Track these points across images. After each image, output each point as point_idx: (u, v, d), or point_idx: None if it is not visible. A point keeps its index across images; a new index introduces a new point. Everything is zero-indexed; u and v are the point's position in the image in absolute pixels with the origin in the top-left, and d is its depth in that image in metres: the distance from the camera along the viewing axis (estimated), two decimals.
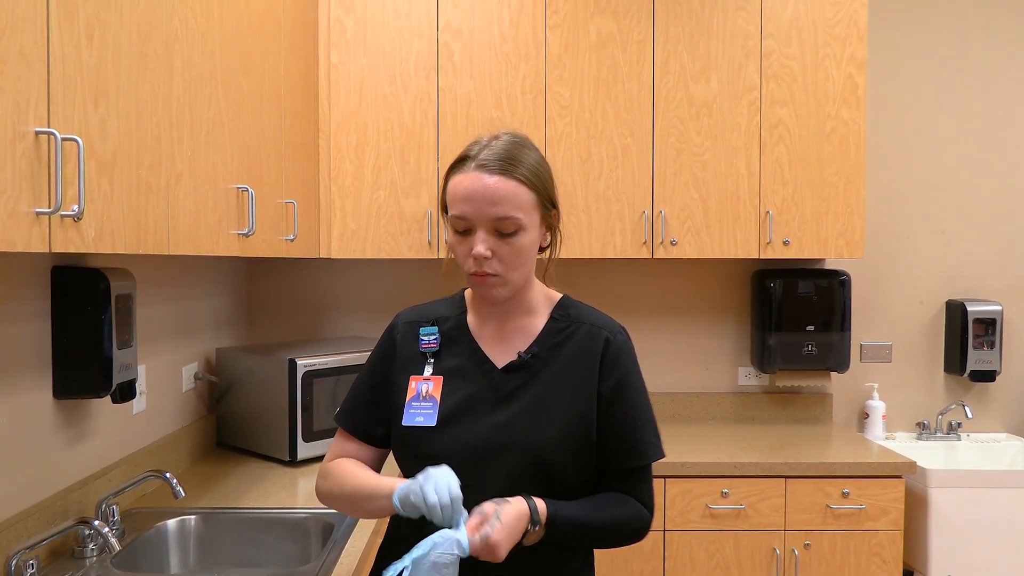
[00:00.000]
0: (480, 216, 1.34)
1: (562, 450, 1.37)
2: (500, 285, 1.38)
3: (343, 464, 1.45)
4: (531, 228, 1.38)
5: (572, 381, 1.41)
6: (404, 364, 1.46)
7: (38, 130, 1.14)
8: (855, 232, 3.05)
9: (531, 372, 1.42)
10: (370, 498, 1.35)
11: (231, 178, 1.98)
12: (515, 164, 1.36)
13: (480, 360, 1.43)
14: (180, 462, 2.56)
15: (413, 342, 1.47)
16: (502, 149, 1.37)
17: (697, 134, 3.03)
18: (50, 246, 1.18)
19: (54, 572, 1.70)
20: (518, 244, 1.36)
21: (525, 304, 1.47)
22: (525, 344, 1.44)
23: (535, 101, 3.01)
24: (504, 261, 1.36)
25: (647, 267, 3.43)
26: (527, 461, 1.36)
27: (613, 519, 1.39)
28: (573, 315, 1.48)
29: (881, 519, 2.75)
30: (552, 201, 1.42)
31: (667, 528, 2.76)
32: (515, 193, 1.35)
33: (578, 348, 1.44)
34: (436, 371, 1.43)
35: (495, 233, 1.35)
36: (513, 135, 1.42)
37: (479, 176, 1.35)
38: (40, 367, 1.83)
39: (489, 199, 1.33)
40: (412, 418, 1.40)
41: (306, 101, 2.79)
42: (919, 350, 3.48)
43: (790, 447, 2.95)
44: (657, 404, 3.40)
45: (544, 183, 1.40)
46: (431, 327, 1.48)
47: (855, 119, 3.04)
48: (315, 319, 3.42)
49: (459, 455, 1.36)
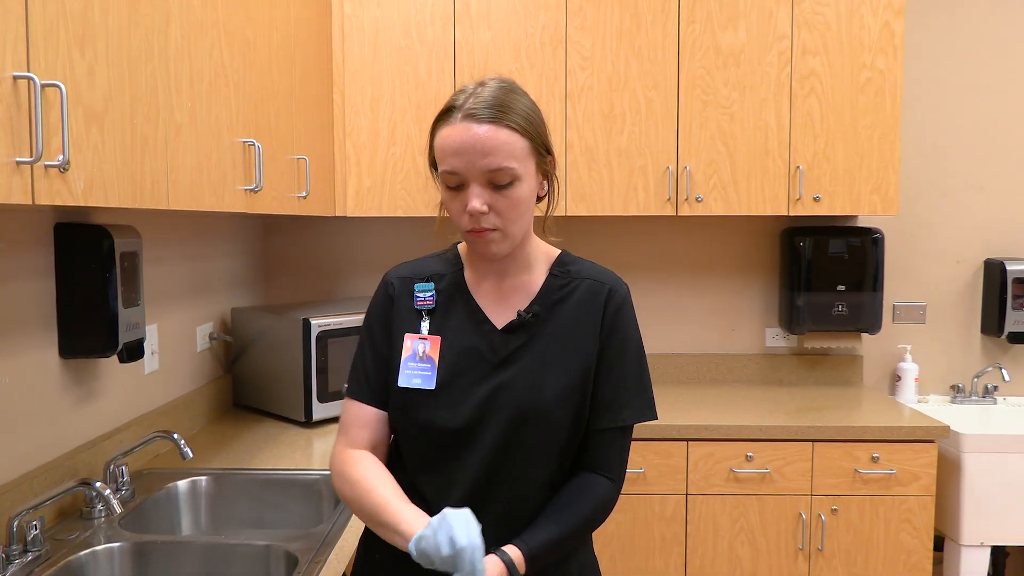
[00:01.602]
0: (472, 169, 1.26)
1: (564, 411, 1.31)
2: (500, 240, 1.30)
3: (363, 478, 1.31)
4: (527, 177, 1.29)
5: (574, 339, 1.34)
6: (400, 321, 1.39)
7: (16, 75, 1.08)
8: (890, 188, 2.93)
9: (531, 331, 1.35)
10: (387, 529, 1.25)
11: (236, 132, 1.92)
12: (505, 111, 1.26)
13: (479, 320, 1.36)
14: (195, 422, 2.54)
15: (408, 298, 1.40)
16: (490, 96, 1.27)
17: (724, 85, 2.90)
18: (33, 197, 1.12)
19: (62, 533, 1.68)
20: (515, 195, 1.28)
21: (523, 260, 1.39)
22: (524, 302, 1.37)
23: (555, 53, 2.90)
24: (502, 214, 1.28)
25: (671, 225, 3.33)
26: (528, 423, 1.30)
27: (583, 518, 1.32)
28: (573, 271, 1.40)
29: (912, 484, 2.67)
30: (546, 147, 1.33)
31: (689, 492, 2.70)
32: (507, 142, 1.26)
33: (579, 304, 1.36)
34: (433, 330, 1.36)
35: (489, 186, 1.27)
36: (500, 80, 1.33)
37: (467, 127, 1.26)
38: (46, 325, 1.79)
39: (480, 150, 1.25)
40: (409, 379, 1.33)
41: (319, 54, 2.71)
42: (955, 311, 3.36)
43: (818, 410, 2.86)
44: (681, 366, 3.35)
45: (537, 129, 1.31)
46: (427, 283, 1.40)
47: (891, 69, 2.89)
48: (331, 279, 3.37)
49: (457, 419, 1.31)
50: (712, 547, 2.71)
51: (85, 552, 1.59)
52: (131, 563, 1.63)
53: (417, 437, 1.34)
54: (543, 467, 1.33)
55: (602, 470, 1.35)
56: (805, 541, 2.69)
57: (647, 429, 2.66)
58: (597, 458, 1.36)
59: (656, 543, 2.72)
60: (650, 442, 2.68)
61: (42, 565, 1.52)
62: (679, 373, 3.34)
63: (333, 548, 1.62)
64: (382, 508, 1.26)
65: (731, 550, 2.71)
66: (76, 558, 1.57)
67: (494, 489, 1.31)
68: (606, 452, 1.36)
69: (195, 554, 1.64)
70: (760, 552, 2.70)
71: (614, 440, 1.36)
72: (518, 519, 1.31)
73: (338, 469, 1.36)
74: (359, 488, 1.31)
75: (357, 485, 1.31)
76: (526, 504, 1.32)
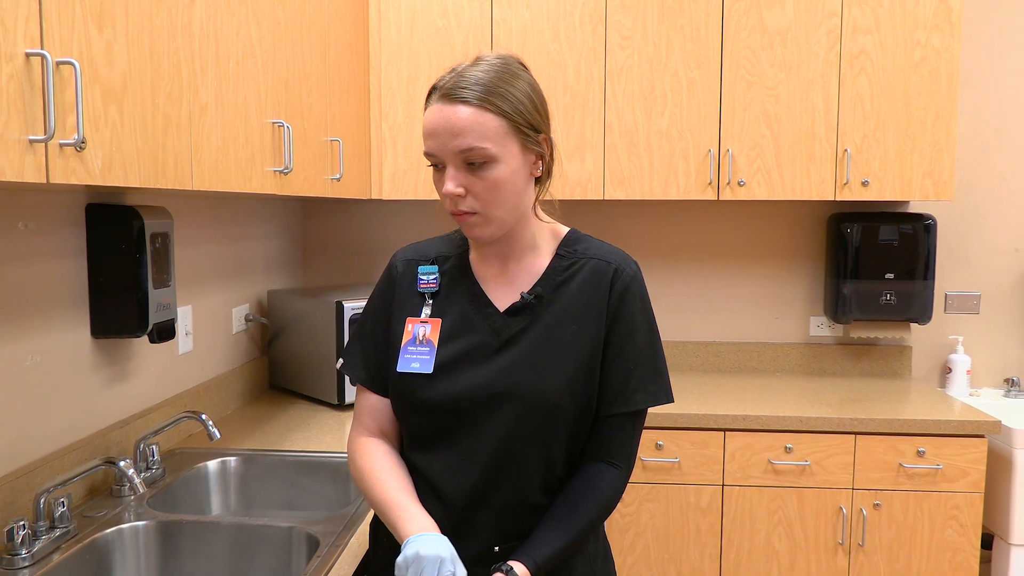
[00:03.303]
0: (444, 150, 1.23)
1: (568, 395, 1.27)
2: (482, 224, 1.27)
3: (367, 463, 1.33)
4: (506, 158, 1.24)
5: (579, 321, 1.30)
6: (402, 305, 1.37)
7: (28, 51, 1.07)
8: (944, 172, 2.81)
9: (535, 314, 1.30)
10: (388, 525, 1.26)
11: (265, 113, 1.91)
12: (481, 89, 1.22)
13: (482, 303, 1.33)
14: (230, 403, 2.56)
15: (411, 282, 1.37)
16: (472, 75, 1.23)
17: (770, 66, 2.81)
18: (47, 176, 1.11)
19: (91, 510, 1.70)
20: (492, 177, 1.23)
21: (526, 241, 1.35)
22: (529, 284, 1.33)
23: (594, 32, 2.83)
24: (479, 197, 1.24)
25: (712, 209, 3.24)
26: (530, 408, 1.26)
27: (589, 521, 1.28)
28: (580, 250, 1.35)
29: (960, 480, 2.57)
30: (533, 126, 1.27)
31: (726, 483, 2.63)
32: (478, 122, 1.21)
33: (585, 285, 1.32)
34: (435, 313, 1.33)
35: (465, 167, 1.23)
36: (497, 57, 1.28)
37: (441, 107, 1.23)
38: (78, 305, 1.81)
39: (450, 131, 1.22)
40: (408, 364, 1.30)
41: (355, 36, 2.69)
42: (1011, 301, 3.22)
43: (862, 402, 2.77)
44: (721, 354, 3.27)
45: (519, 107, 1.24)
46: (430, 266, 1.38)
47: (948, 47, 2.77)
48: (368, 261, 3.37)
49: (456, 404, 1.28)
50: (748, 539, 2.65)
51: (111, 530, 1.61)
52: (156, 542, 1.64)
53: (417, 421, 1.32)
54: (546, 454, 1.29)
55: (610, 458, 1.31)
56: (845, 536, 2.61)
57: (684, 419, 2.61)
58: (605, 445, 1.31)
59: (691, 534, 2.66)
60: (687, 431, 2.62)
61: (68, 541, 1.53)
62: (719, 362, 3.27)
63: (355, 531, 1.61)
64: (385, 504, 1.27)
65: (768, 543, 2.64)
66: (102, 535, 1.59)
67: (496, 475, 1.28)
68: (615, 439, 1.31)
69: (219, 534, 1.65)
70: (798, 546, 2.63)
71: (624, 426, 1.32)
72: (520, 510, 1.28)
73: (351, 457, 1.37)
74: (365, 480, 1.31)
75: (364, 476, 1.32)
76: (529, 494, 1.29)
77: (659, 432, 2.62)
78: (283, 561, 1.63)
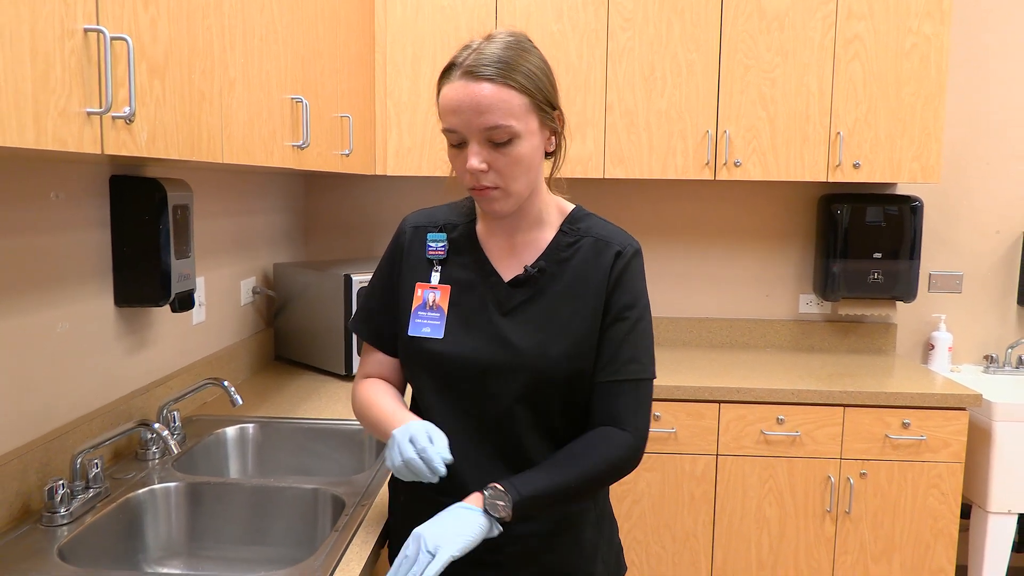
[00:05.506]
0: (469, 127, 1.26)
1: (568, 367, 1.32)
2: (502, 198, 1.31)
3: (366, 392, 1.44)
4: (528, 135, 1.29)
5: (579, 296, 1.35)
6: (411, 270, 1.43)
7: (87, 27, 1.12)
8: (931, 156, 2.90)
9: (537, 287, 1.36)
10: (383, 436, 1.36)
11: (285, 88, 1.96)
12: (503, 67, 1.26)
13: (487, 272, 1.39)
14: (239, 373, 2.62)
15: (420, 248, 1.43)
16: (491, 52, 1.27)
17: (767, 49, 2.88)
18: (102, 147, 1.16)
19: (119, 472, 1.76)
20: (514, 153, 1.28)
21: (534, 215, 1.40)
22: (534, 258, 1.38)
23: (597, 13, 2.89)
24: (502, 172, 1.29)
25: (709, 189, 3.33)
26: (533, 378, 1.32)
27: (588, 472, 1.29)
28: (583, 228, 1.40)
29: (942, 451, 2.69)
30: (551, 103, 1.32)
31: (720, 453, 2.74)
32: (504, 99, 1.25)
33: (586, 262, 1.37)
34: (443, 280, 1.40)
35: (488, 144, 1.27)
36: (509, 34, 1.32)
37: (464, 84, 1.26)
38: (102, 275, 1.86)
39: (476, 108, 1.25)
40: (419, 328, 1.37)
41: (362, 13, 2.73)
42: (992, 281, 3.34)
43: (850, 376, 2.88)
44: (714, 330, 3.37)
45: (538, 84, 1.29)
46: (439, 233, 1.43)
47: (938, 35, 2.85)
48: (371, 236, 3.42)
49: (465, 368, 1.34)
50: (740, 506, 2.75)
51: (143, 490, 1.67)
52: (186, 502, 1.71)
53: (425, 383, 1.39)
54: (544, 422, 1.35)
55: (617, 423, 1.32)
56: (833, 504, 2.72)
57: (681, 391, 2.70)
58: (608, 411, 1.33)
59: (686, 501, 2.77)
60: (682, 403, 2.72)
61: (103, 501, 1.59)
62: (712, 337, 3.36)
63: (377, 495, 1.68)
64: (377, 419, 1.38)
65: (759, 510, 2.75)
66: (135, 495, 1.65)
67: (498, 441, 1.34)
68: (616, 404, 1.33)
69: (246, 495, 1.71)
70: (788, 513, 2.74)
71: (622, 392, 1.33)
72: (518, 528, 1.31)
73: (353, 395, 1.48)
74: (361, 401, 1.44)
75: (359, 399, 1.45)
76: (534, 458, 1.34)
77: (657, 404, 2.72)
78: (309, 521, 1.69)
